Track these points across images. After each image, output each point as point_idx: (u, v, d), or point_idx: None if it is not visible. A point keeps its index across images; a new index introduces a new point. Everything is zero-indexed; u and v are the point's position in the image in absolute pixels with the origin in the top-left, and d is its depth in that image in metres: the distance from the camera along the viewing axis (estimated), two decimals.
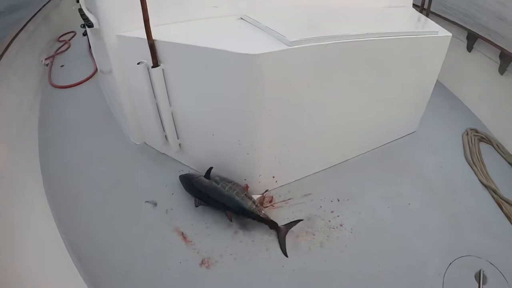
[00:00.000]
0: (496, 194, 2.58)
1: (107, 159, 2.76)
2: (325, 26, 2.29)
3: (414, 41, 2.46)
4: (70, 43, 4.56)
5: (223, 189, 2.19)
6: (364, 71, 2.33)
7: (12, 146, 2.62)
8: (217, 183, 2.23)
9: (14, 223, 1.97)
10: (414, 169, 2.70)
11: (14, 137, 2.76)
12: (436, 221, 2.33)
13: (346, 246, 2.13)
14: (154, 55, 2.13)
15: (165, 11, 2.27)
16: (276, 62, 1.89)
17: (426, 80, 2.83)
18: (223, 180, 2.28)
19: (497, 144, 3.08)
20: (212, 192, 2.21)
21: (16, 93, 3.27)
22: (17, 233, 1.92)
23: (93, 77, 3.78)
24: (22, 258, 1.82)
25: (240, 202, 2.14)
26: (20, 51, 3.67)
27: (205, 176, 2.30)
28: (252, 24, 2.26)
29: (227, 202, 2.17)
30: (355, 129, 2.59)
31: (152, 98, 2.35)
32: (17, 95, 3.28)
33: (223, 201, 2.18)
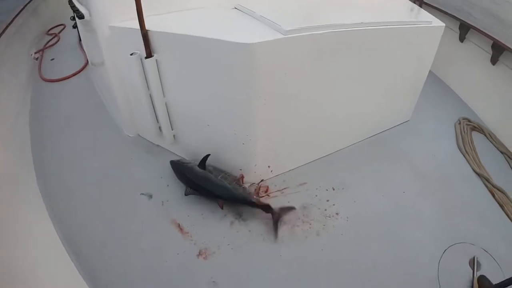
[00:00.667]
0: (488, 182, 2.62)
1: (101, 152, 2.73)
2: (320, 15, 2.28)
3: (408, 31, 2.47)
4: (60, 36, 4.49)
5: (216, 178, 2.20)
6: (358, 60, 2.33)
7: (3, 142, 2.58)
8: (211, 172, 2.25)
9: (9, 219, 1.95)
10: (408, 158, 2.72)
11: (6, 133, 2.72)
12: (430, 208, 2.36)
13: (342, 235, 2.14)
14: (148, 45, 2.11)
15: (158, 1, 2.25)
16: (271, 51, 1.88)
17: (420, 69, 2.85)
18: (216, 169, 2.30)
19: (489, 133, 3.12)
20: (204, 181, 2.21)
21: (6, 87, 3.22)
22: (11, 230, 1.90)
23: (84, 70, 3.73)
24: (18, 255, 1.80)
25: (231, 190, 2.16)
26: (9, 45, 3.60)
27: (200, 165, 2.30)
28: (246, 14, 2.24)
29: (219, 191, 2.18)
30: (349, 118, 2.60)
31: (146, 89, 2.33)
32: (7, 89, 3.22)
33: (215, 190, 2.19)
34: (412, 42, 2.57)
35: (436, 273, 1.99)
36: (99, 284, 1.87)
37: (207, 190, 2.22)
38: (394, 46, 2.47)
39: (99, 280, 1.89)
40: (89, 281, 1.88)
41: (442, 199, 2.43)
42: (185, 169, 2.31)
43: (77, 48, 4.12)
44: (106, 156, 2.68)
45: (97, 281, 1.88)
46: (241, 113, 2.06)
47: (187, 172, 2.29)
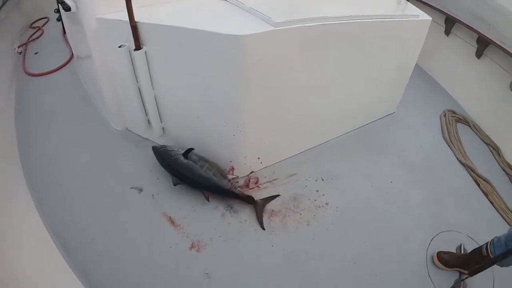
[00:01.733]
0: (473, 172, 2.69)
1: (89, 147, 2.69)
2: (308, 7, 2.29)
3: (395, 24, 2.50)
4: (44, 30, 4.39)
5: (201, 168, 2.21)
6: (346, 52, 2.36)
7: None
8: (195, 162, 2.25)
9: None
10: (395, 149, 2.78)
11: None
12: (417, 198, 2.42)
13: (332, 224, 2.18)
14: (137, 37, 2.09)
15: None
16: (262, 43, 1.88)
17: (406, 62, 2.89)
18: (201, 159, 2.30)
19: (473, 125, 3.20)
20: (189, 171, 2.23)
21: None
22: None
23: (69, 64, 3.66)
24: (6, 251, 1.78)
25: (216, 181, 2.18)
26: None
27: (184, 154, 2.30)
28: (235, 5, 2.24)
29: (204, 182, 2.20)
30: (337, 110, 2.63)
31: (134, 82, 2.30)
32: None
33: (200, 181, 2.21)
34: (399, 36, 2.61)
35: (425, 260, 2.05)
36: (91, 279, 1.86)
37: (192, 180, 2.23)
38: (381, 39, 2.50)
39: (91, 275, 1.88)
40: (80, 276, 1.87)
41: (428, 189, 2.49)
42: (170, 159, 2.30)
43: (61, 41, 4.04)
44: (94, 151, 2.65)
45: (88, 276, 1.87)
46: (231, 105, 2.06)
47: (172, 162, 2.29)
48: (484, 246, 1.83)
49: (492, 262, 1.67)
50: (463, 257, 2.01)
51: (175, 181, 2.29)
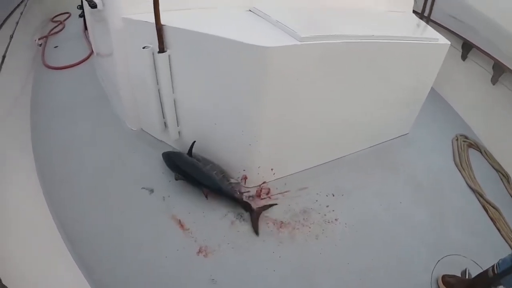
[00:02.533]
0: (482, 198, 2.69)
1: (102, 143, 2.71)
2: (331, 24, 2.32)
3: (415, 47, 2.52)
4: (65, 24, 4.46)
5: (204, 167, 2.26)
6: (365, 71, 2.38)
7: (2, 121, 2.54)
8: (199, 161, 2.30)
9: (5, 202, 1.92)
10: (406, 169, 2.78)
11: (5, 114, 2.68)
12: (425, 219, 2.42)
13: (340, 240, 2.18)
14: (161, 40, 2.12)
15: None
16: (286, 56, 1.91)
17: (422, 85, 2.91)
18: (205, 159, 2.35)
19: (485, 151, 3.20)
20: (192, 168, 2.27)
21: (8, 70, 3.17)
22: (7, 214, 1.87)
23: (88, 60, 3.71)
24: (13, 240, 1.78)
25: (217, 181, 2.21)
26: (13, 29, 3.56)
27: (188, 152, 2.35)
28: (261, 17, 2.27)
29: (205, 180, 2.24)
30: (352, 127, 2.65)
31: (155, 84, 2.33)
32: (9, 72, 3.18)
33: (201, 179, 2.24)
34: (418, 58, 2.63)
35: (429, 282, 2.05)
36: (95, 275, 1.86)
37: (194, 177, 2.27)
38: (400, 60, 2.52)
39: (95, 271, 1.88)
40: (84, 270, 1.88)
41: (437, 211, 2.49)
42: (174, 156, 2.38)
43: (81, 37, 4.10)
44: (107, 148, 2.67)
45: (92, 272, 1.88)
46: (250, 114, 2.08)
47: (175, 158, 2.36)
48: (490, 269, 1.83)
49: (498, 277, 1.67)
50: (468, 281, 2.01)
51: (177, 176, 2.33)
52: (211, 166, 2.29)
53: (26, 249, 1.80)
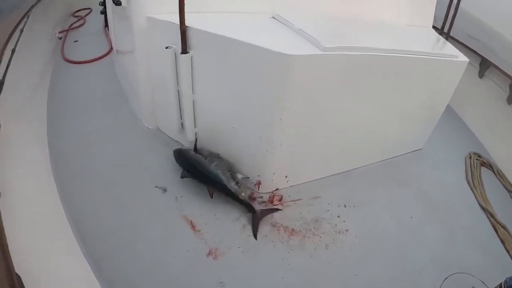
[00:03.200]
0: (493, 218, 2.67)
1: (117, 140, 2.74)
2: (353, 36, 2.34)
3: (434, 62, 2.53)
4: (85, 20, 4.52)
5: (210, 164, 2.26)
6: (384, 84, 2.38)
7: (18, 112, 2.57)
8: (205, 157, 2.30)
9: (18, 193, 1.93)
10: (418, 185, 2.77)
11: (22, 102, 2.70)
12: (434, 236, 2.41)
13: (350, 251, 2.18)
14: (185, 41, 2.14)
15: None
16: (309, 65, 1.93)
17: (438, 101, 2.91)
18: (211, 155, 2.35)
19: (497, 171, 3.18)
20: (198, 165, 2.29)
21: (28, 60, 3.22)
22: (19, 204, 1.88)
23: (107, 57, 3.75)
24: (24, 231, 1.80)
25: (223, 181, 2.21)
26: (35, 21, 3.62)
27: (193, 149, 2.38)
28: (284, 25, 2.29)
29: (210, 177, 2.24)
30: (367, 139, 2.65)
31: (175, 84, 2.36)
32: (28, 62, 3.22)
33: (208, 176, 2.25)
34: (436, 74, 2.63)
35: None
36: (104, 271, 1.88)
37: (200, 174, 2.29)
38: (418, 75, 2.53)
39: (104, 267, 1.89)
40: (93, 265, 1.89)
41: (446, 228, 2.48)
42: (183, 152, 2.41)
43: (101, 33, 4.15)
44: (122, 145, 2.69)
45: (101, 268, 1.89)
46: (269, 121, 2.09)
47: (183, 154, 2.39)
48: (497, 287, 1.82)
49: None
50: None
51: (183, 174, 2.35)
52: (217, 163, 2.28)
53: (37, 241, 1.81)
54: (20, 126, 2.51)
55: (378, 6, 2.95)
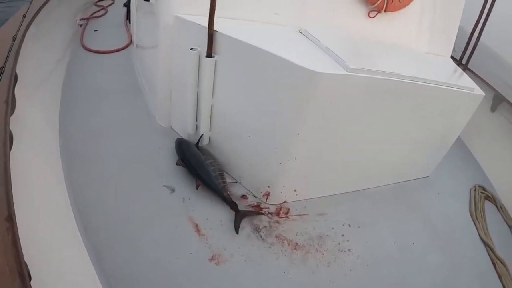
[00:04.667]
0: (492, 252, 2.68)
1: (129, 134, 2.74)
2: (377, 59, 2.36)
3: (451, 93, 2.55)
4: (107, 10, 4.54)
5: (205, 161, 2.36)
6: (401, 110, 2.40)
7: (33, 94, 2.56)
8: (203, 154, 2.41)
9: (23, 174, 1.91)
10: (423, 212, 2.78)
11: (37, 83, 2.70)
12: (434, 264, 2.42)
13: (351, 271, 2.18)
14: (211, 45, 2.15)
15: (229, 5, 2.29)
16: (333, 84, 1.94)
17: (450, 131, 2.93)
18: (209, 154, 2.48)
19: (500, 205, 3.20)
20: (194, 159, 2.40)
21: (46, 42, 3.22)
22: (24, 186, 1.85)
23: (126, 49, 3.77)
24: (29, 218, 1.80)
25: (212, 177, 2.31)
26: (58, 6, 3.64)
27: (196, 144, 2.49)
28: (310, 40, 2.31)
29: (201, 172, 2.34)
30: (377, 162, 2.66)
31: (195, 86, 2.37)
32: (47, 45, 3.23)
33: (199, 170, 2.35)
34: (451, 104, 2.66)
35: None
36: (103, 263, 1.87)
37: (193, 167, 2.39)
38: (434, 104, 2.55)
39: (103, 259, 1.89)
40: (93, 256, 1.88)
41: (447, 258, 2.49)
42: (184, 143, 2.55)
43: (122, 26, 4.17)
44: (134, 139, 2.69)
45: (101, 260, 1.88)
46: (287, 134, 2.10)
47: (184, 145, 2.51)
48: None
49: None
50: None
51: (178, 162, 2.45)
52: (211, 162, 2.38)
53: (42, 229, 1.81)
54: (33, 108, 2.51)
55: (400, 30, 2.98)
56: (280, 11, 2.47)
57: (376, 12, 2.74)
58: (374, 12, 2.75)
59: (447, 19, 3.15)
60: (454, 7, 3.14)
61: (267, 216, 2.33)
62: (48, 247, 1.74)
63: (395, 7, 2.74)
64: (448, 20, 3.16)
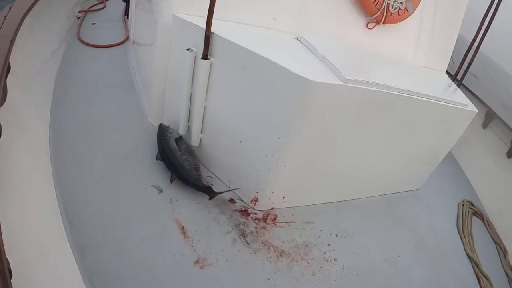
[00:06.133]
0: (477, 268, 2.70)
1: (120, 131, 2.71)
2: (373, 71, 2.37)
3: (444, 108, 2.56)
4: (106, 4, 4.51)
5: (180, 156, 2.39)
6: (393, 123, 2.41)
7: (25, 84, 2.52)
8: (180, 149, 2.42)
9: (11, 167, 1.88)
10: (410, 225, 2.79)
11: (31, 75, 2.67)
12: (420, 278, 2.43)
13: (335, 281, 2.17)
14: (207, 47, 2.14)
15: (226, 7, 2.26)
16: (327, 93, 1.94)
17: (442, 146, 2.95)
18: (187, 149, 2.48)
19: (487, 221, 3.22)
20: (170, 153, 2.41)
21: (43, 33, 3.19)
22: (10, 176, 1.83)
23: (122, 45, 3.74)
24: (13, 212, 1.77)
25: (186, 171, 2.35)
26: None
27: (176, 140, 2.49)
28: (308, 48, 2.31)
29: (176, 166, 2.37)
30: (367, 173, 2.67)
31: (189, 87, 2.35)
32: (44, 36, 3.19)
33: (174, 164, 2.39)
34: (444, 119, 2.67)
35: None
36: (86, 260, 1.85)
37: (170, 161, 2.41)
38: (428, 118, 2.56)
39: (87, 256, 1.87)
40: (77, 255, 1.86)
41: (433, 272, 2.50)
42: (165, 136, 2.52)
43: (120, 21, 4.14)
44: (124, 137, 2.66)
45: (84, 256, 1.86)
46: (278, 141, 2.09)
47: (163, 139, 2.50)
48: None
49: None
50: None
51: (157, 157, 2.47)
52: (187, 157, 2.40)
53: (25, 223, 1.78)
54: (24, 99, 2.48)
55: (397, 43, 3.00)
56: (279, 17, 2.46)
57: (374, 23, 2.75)
58: (373, 24, 2.76)
59: (445, 35, 3.18)
60: (452, 23, 3.17)
61: (254, 222, 2.32)
62: (31, 243, 1.72)
63: (394, 19, 2.75)
64: (446, 36, 3.19)
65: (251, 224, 2.30)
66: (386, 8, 2.65)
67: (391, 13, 2.69)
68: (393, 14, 2.70)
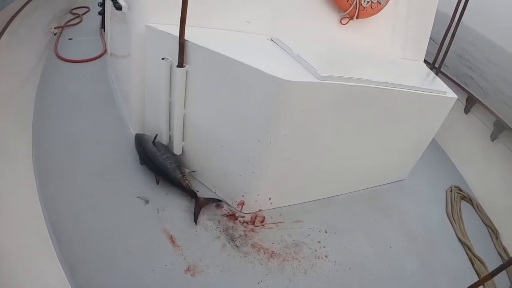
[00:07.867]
0: (470, 251, 2.73)
1: (103, 144, 2.69)
2: (349, 66, 2.38)
3: (424, 97, 2.59)
4: (82, 18, 4.47)
5: (161, 156, 2.40)
6: (374, 116, 2.43)
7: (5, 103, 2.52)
8: (159, 150, 2.44)
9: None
10: (399, 215, 2.81)
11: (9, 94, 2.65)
12: (412, 267, 2.44)
13: (328, 277, 2.18)
14: (182, 55, 2.13)
15: (199, 14, 2.27)
16: (303, 92, 1.95)
17: (424, 134, 2.98)
18: (166, 148, 2.49)
19: (477, 205, 3.26)
20: (151, 155, 2.44)
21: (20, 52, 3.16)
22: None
23: (100, 59, 3.71)
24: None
25: (169, 171, 2.36)
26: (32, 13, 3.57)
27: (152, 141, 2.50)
28: (282, 48, 2.32)
29: (160, 168, 2.39)
30: (351, 167, 2.68)
31: (167, 96, 2.34)
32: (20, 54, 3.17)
33: (157, 166, 2.41)
34: (424, 108, 2.70)
35: None
36: (77, 275, 1.83)
37: (152, 164, 2.43)
38: (408, 108, 2.58)
39: (78, 271, 1.85)
40: (67, 269, 1.85)
41: (425, 260, 2.52)
42: (142, 141, 2.54)
43: (97, 34, 4.11)
44: (107, 150, 2.64)
45: (75, 272, 1.84)
46: (259, 143, 2.09)
47: (140, 144, 2.54)
48: None
49: None
50: None
51: (141, 162, 2.50)
52: (167, 156, 2.40)
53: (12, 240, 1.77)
54: (6, 117, 2.45)
55: (373, 37, 3.02)
56: (252, 20, 2.46)
57: (348, 19, 2.77)
58: (346, 19, 2.77)
59: (420, 24, 3.21)
60: (427, 12, 3.20)
61: (242, 225, 2.32)
62: (20, 260, 1.71)
63: (367, 13, 2.76)
64: (421, 25, 3.22)
65: (239, 228, 2.30)
66: (358, 2, 2.67)
67: (363, 7, 2.71)
68: (365, 8, 2.72)
